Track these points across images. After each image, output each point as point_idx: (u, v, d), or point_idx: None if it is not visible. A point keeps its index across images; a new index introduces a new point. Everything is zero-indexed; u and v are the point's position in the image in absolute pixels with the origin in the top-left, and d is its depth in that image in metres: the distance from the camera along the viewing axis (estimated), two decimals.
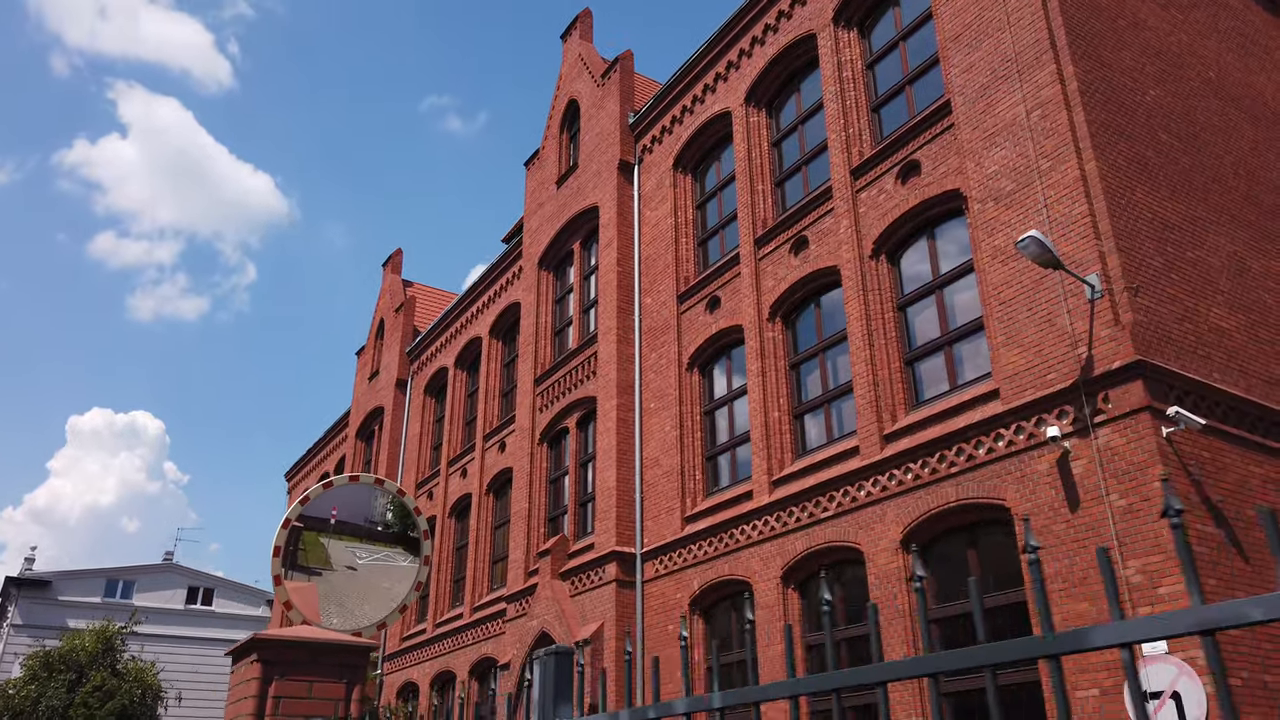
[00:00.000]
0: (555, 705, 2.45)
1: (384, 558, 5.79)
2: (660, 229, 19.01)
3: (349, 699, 4.34)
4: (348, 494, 5.76)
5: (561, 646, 2.44)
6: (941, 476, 11.83)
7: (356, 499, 5.82)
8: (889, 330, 13.46)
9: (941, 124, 13.34)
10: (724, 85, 18.18)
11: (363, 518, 5.82)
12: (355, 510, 5.78)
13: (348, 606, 5.47)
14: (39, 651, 21.48)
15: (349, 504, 5.77)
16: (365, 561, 5.73)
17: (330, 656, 4.43)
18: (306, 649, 4.37)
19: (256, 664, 4.20)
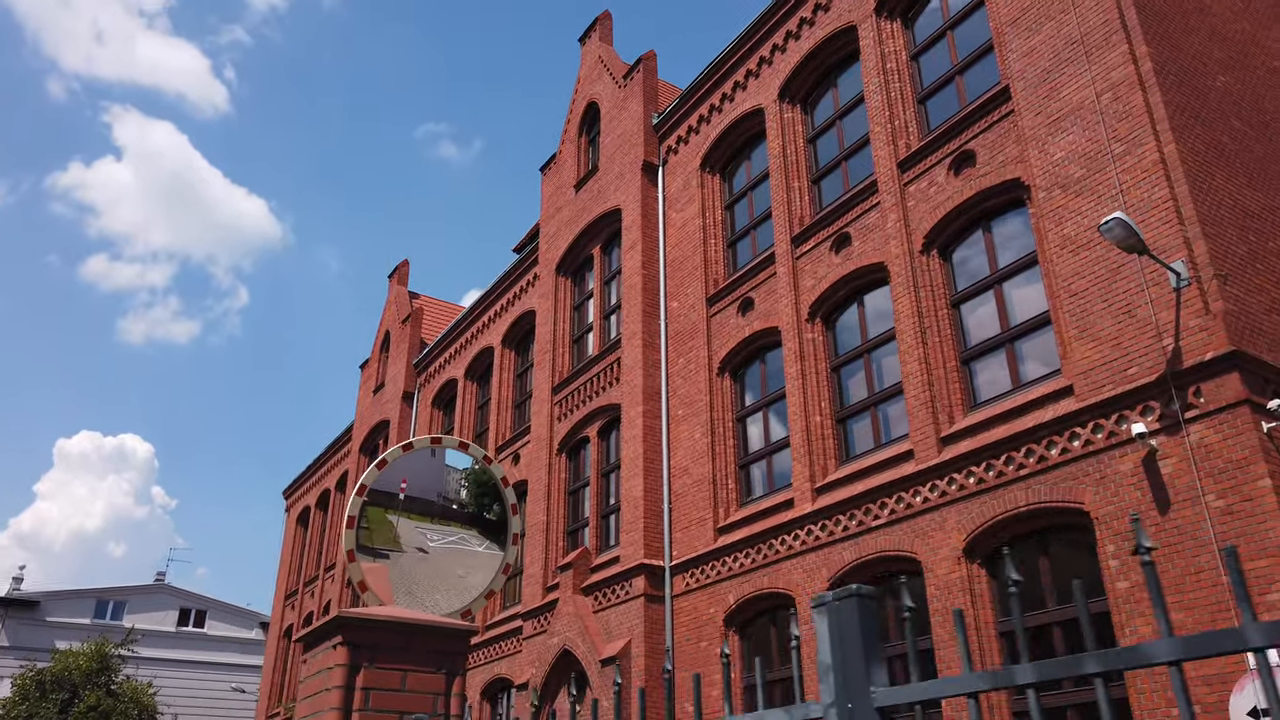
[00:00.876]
0: (868, 668, 1.67)
1: (458, 541, 5.03)
2: (687, 231, 18.34)
3: (448, 693, 3.57)
4: (419, 465, 5.00)
5: (865, 587, 1.69)
6: (1009, 480, 11.10)
7: (428, 472, 5.06)
8: (943, 328, 12.76)
9: (998, 112, 12.71)
10: (755, 82, 17.58)
11: (435, 493, 5.06)
12: (427, 485, 5.02)
13: (416, 595, 4.72)
14: (30, 670, 20.50)
15: (420, 477, 5.01)
16: (437, 544, 4.96)
17: (426, 642, 3.67)
18: (400, 632, 3.61)
19: (342, 648, 3.44)
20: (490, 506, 5.12)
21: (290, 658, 32.97)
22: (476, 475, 5.01)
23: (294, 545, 36.09)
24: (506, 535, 4.84)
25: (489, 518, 5.13)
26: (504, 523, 5.10)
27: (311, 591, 32.72)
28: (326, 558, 32.11)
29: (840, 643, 1.77)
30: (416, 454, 4.95)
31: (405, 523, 4.88)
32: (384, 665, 3.58)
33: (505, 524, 4.88)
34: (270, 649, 34.93)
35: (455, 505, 5.05)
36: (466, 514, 5.08)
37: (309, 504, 35.41)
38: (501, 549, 5.09)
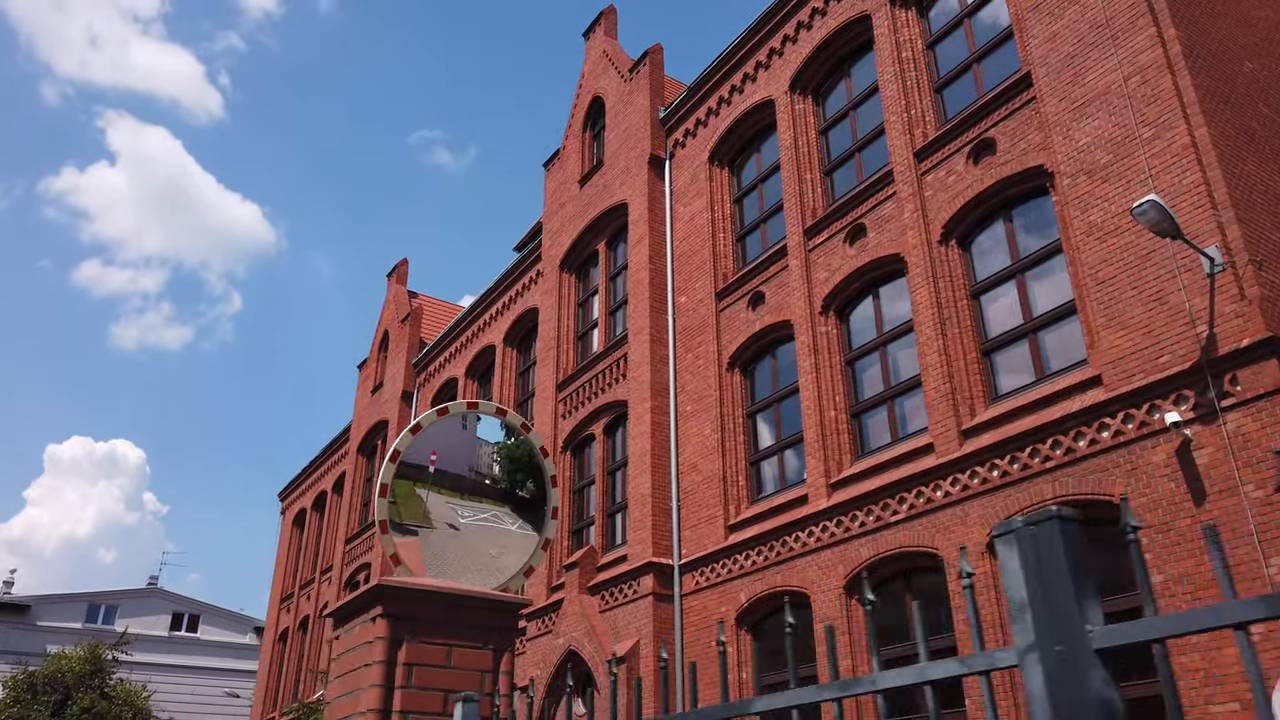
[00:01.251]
0: (1080, 603, 1.36)
1: (491, 518, 4.71)
2: (695, 225, 18.05)
3: (496, 670, 3.26)
4: (450, 437, 4.67)
5: (1065, 509, 1.39)
6: (1035, 472, 10.80)
7: (459, 444, 4.73)
8: (963, 319, 12.48)
9: (1019, 99, 12.45)
10: (765, 74, 17.31)
11: (466, 467, 4.73)
12: (457, 458, 4.69)
13: (447, 574, 4.39)
14: (22, 672, 20.08)
15: (450, 449, 4.68)
16: (469, 521, 4.63)
17: (472, 615, 3.36)
18: (442, 603, 3.30)
19: (382, 621, 3.13)
20: (523, 483, 4.79)
21: (286, 662, 32.53)
22: (509, 450, 4.68)
23: (290, 548, 35.67)
24: (546, 509, 4.52)
25: (522, 495, 4.80)
26: (538, 500, 4.78)
27: (308, 594, 32.30)
28: (323, 560, 31.71)
29: (1039, 574, 1.46)
30: (447, 425, 4.62)
31: (435, 497, 4.56)
32: (427, 640, 3.27)
33: (542, 499, 4.56)
34: (265, 653, 34.48)
35: (487, 480, 4.72)
36: (499, 490, 4.75)
37: (305, 506, 35.00)
38: (535, 529, 4.77)
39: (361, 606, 3.38)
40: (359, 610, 3.39)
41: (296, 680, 31.17)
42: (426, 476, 4.51)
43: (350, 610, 3.46)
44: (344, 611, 3.50)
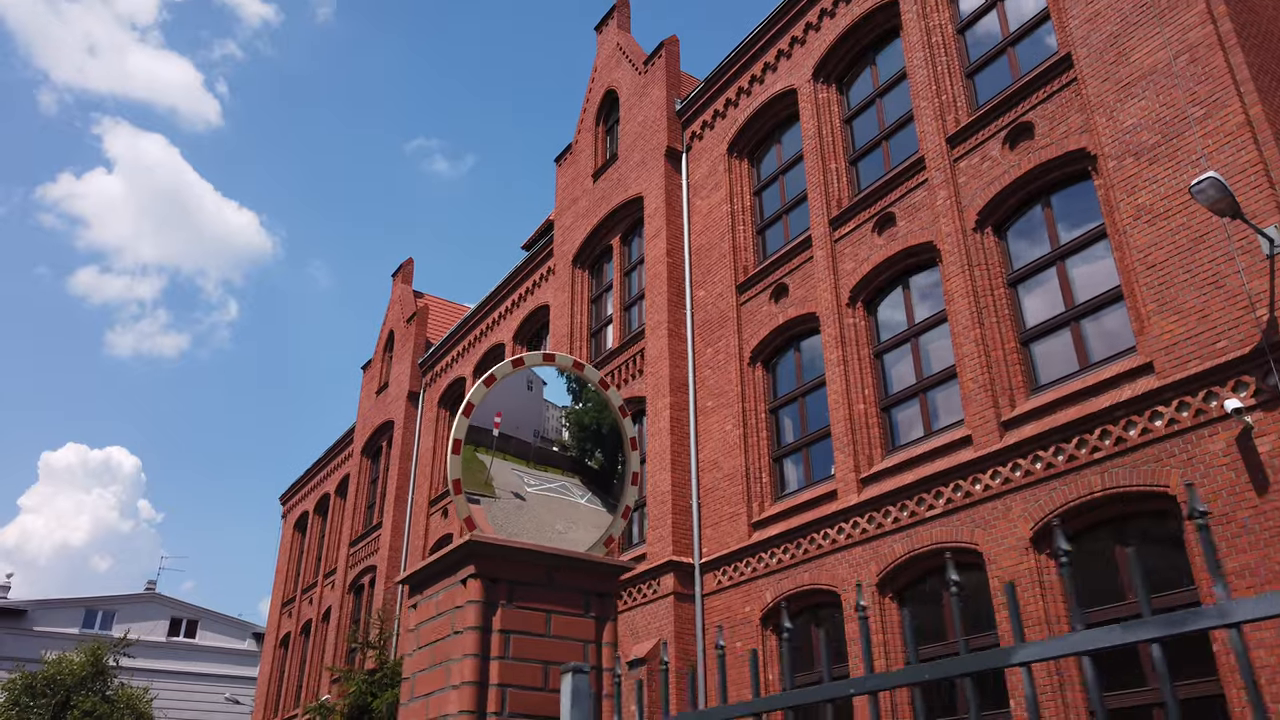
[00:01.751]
0: None
1: (559, 489, 4.28)
2: (713, 218, 17.67)
3: (599, 641, 2.85)
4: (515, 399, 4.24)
5: None
6: (1082, 464, 10.41)
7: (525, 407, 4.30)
8: (1000, 308, 12.10)
9: (1058, 81, 12.10)
10: (787, 63, 16.96)
11: (532, 432, 4.30)
12: (523, 421, 4.26)
13: None
14: (21, 674, 19.59)
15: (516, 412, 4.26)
16: (535, 491, 4.20)
17: (572, 578, 2.96)
18: (542, 564, 2.90)
19: (475, 583, 2.73)
20: (593, 453, 4.35)
21: (288, 666, 32.02)
22: (578, 416, 4.26)
23: (291, 552, 35.17)
24: (625, 473, 4.11)
25: (591, 466, 4.36)
26: (609, 472, 4.36)
27: (310, 598, 31.81)
28: (326, 564, 31.23)
29: None
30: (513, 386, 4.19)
31: (500, 464, 4.13)
32: (524, 604, 2.87)
33: (618, 467, 4.15)
34: (266, 658, 33.95)
35: (555, 448, 4.29)
36: (568, 459, 4.30)
37: (307, 509, 34.51)
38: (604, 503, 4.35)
39: (448, 568, 2.97)
40: (445, 572, 2.99)
41: (299, 685, 30.65)
42: (490, 441, 4.10)
43: (433, 572, 3.05)
44: (425, 574, 3.10)
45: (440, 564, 3.00)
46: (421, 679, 2.94)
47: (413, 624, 3.13)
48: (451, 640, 2.83)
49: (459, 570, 2.92)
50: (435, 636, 2.93)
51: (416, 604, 3.14)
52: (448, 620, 2.89)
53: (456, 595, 2.88)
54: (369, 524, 28.72)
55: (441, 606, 2.96)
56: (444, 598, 2.96)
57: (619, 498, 4.15)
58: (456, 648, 2.79)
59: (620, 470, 4.14)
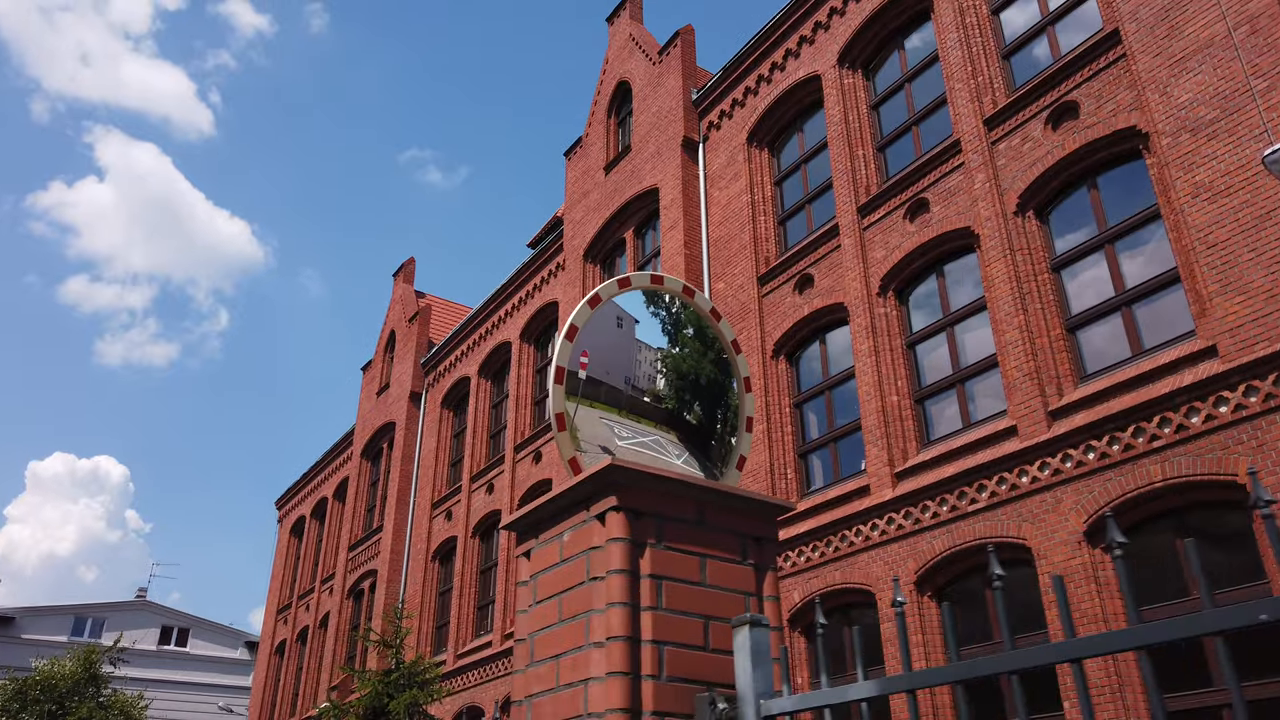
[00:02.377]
0: None
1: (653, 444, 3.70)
2: (732, 209, 17.17)
3: (760, 593, 2.32)
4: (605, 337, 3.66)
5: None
6: (1139, 453, 9.90)
7: (616, 348, 3.72)
8: (1045, 294, 11.61)
9: (1104, 58, 11.64)
10: (810, 49, 16.49)
11: (623, 377, 3.72)
12: (613, 364, 3.70)
13: None
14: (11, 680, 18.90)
15: (605, 353, 3.68)
16: (626, 444, 3.63)
17: (727, 518, 2.43)
18: (691, 498, 2.37)
19: (618, 516, 2.19)
20: (691, 406, 3.76)
21: (284, 674, 31.30)
22: (676, 361, 3.69)
23: (287, 557, 34.45)
24: (738, 418, 3.58)
25: (689, 420, 3.78)
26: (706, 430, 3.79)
27: (307, 604, 31.12)
28: (324, 569, 30.55)
29: None
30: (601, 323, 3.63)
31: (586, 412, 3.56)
32: (675, 546, 2.34)
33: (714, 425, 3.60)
34: (261, 666, 33.21)
35: (648, 397, 3.70)
36: (662, 411, 3.71)
37: (304, 514, 33.81)
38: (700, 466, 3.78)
39: (577, 502, 2.43)
40: (572, 508, 2.44)
41: (295, 693, 29.94)
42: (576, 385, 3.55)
43: (555, 510, 2.50)
44: (543, 513, 2.55)
45: (566, 498, 2.46)
46: (544, 639, 2.39)
47: (526, 575, 2.58)
48: (588, 588, 2.29)
49: (594, 503, 2.37)
50: (562, 586, 2.39)
51: (531, 551, 2.60)
52: (580, 565, 2.35)
53: (592, 534, 2.34)
54: (369, 527, 28.08)
55: (569, 549, 2.41)
56: (573, 539, 2.41)
57: (729, 450, 3.60)
58: (597, 596, 2.25)
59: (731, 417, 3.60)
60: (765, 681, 2.11)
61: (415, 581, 24.07)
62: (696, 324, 3.73)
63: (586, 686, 2.19)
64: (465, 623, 21.75)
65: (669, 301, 3.70)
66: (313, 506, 33.27)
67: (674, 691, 2.18)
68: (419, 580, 23.92)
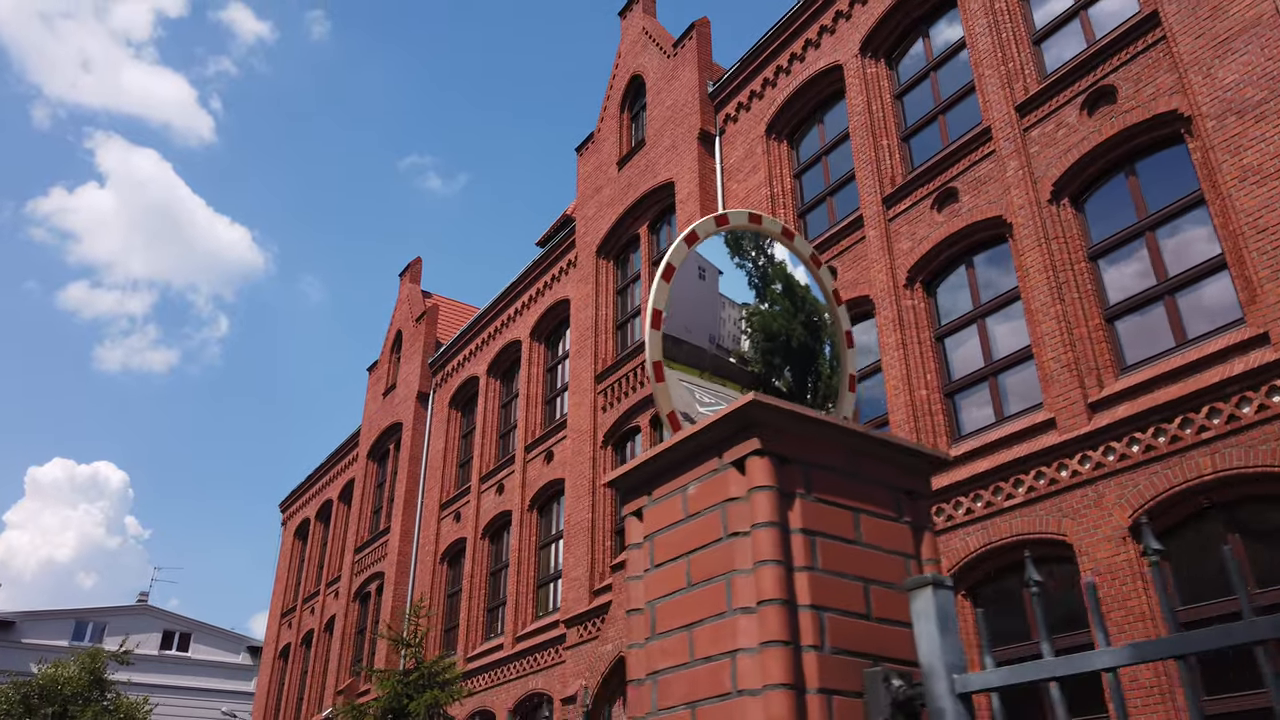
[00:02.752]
0: None
1: None
2: (751, 201, 16.84)
3: (918, 555, 1.98)
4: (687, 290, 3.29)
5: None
6: (1187, 445, 9.56)
7: (699, 302, 3.34)
8: (1083, 284, 11.27)
9: (1143, 41, 11.32)
10: (831, 39, 16.18)
11: (706, 335, 3.35)
12: (695, 321, 3.32)
13: None
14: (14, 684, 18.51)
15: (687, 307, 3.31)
16: (709, 411, 3.24)
17: (880, 469, 2.11)
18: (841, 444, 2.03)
19: (761, 462, 1.85)
20: (781, 371, 3.36)
21: (288, 679, 30.90)
22: (764, 320, 3.31)
23: (291, 560, 34.06)
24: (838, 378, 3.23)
25: (778, 387, 3.38)
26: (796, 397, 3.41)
27: (312, 608, 30.73)
28: (329, 571, 30.17)
29: None
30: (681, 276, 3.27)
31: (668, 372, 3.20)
32: (826, 498, 1.99)
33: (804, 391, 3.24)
34: (265, 670, 32.80)
35: (733, 359, 3.31)
36: (749, 375, 3.31)
37: (309, 516, 33.43)
38: None
39: (707, 447, 2.08)
40: (700, 454, 2.10)
41: (300, 697, 29.54)
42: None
43: (678, 458, 2.16)
44: (662, 463, 2.21)
45: (689, 444, 2.11)
46: (670, 607, 2.05)
47: (638, 537, 2.24)
48: (727, 547, 1.95)
49: (728, 449, 2.03)
50: (690, 545, 2.04)
51: (643, 509, 2.25)
52: (713, 520, 2.01)
53: (727, 484, 2.00)
54: (375, 529, 27.70)
55: (697, 503, 2.07)
56: (700, 491, 2.07)
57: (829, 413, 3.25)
58: (740, 555, 1.91)
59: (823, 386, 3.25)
60: (956, 652, 1.77)
61: (423, 584, 23.70)
62: (785, 279, 3.38)
63: (734, 660, 1.85)
64: (475, 625, 21.38)
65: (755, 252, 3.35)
66: (317, 509, 32.90)
67: (839, 665, 1.84)
68: (427, 582, 23.55)
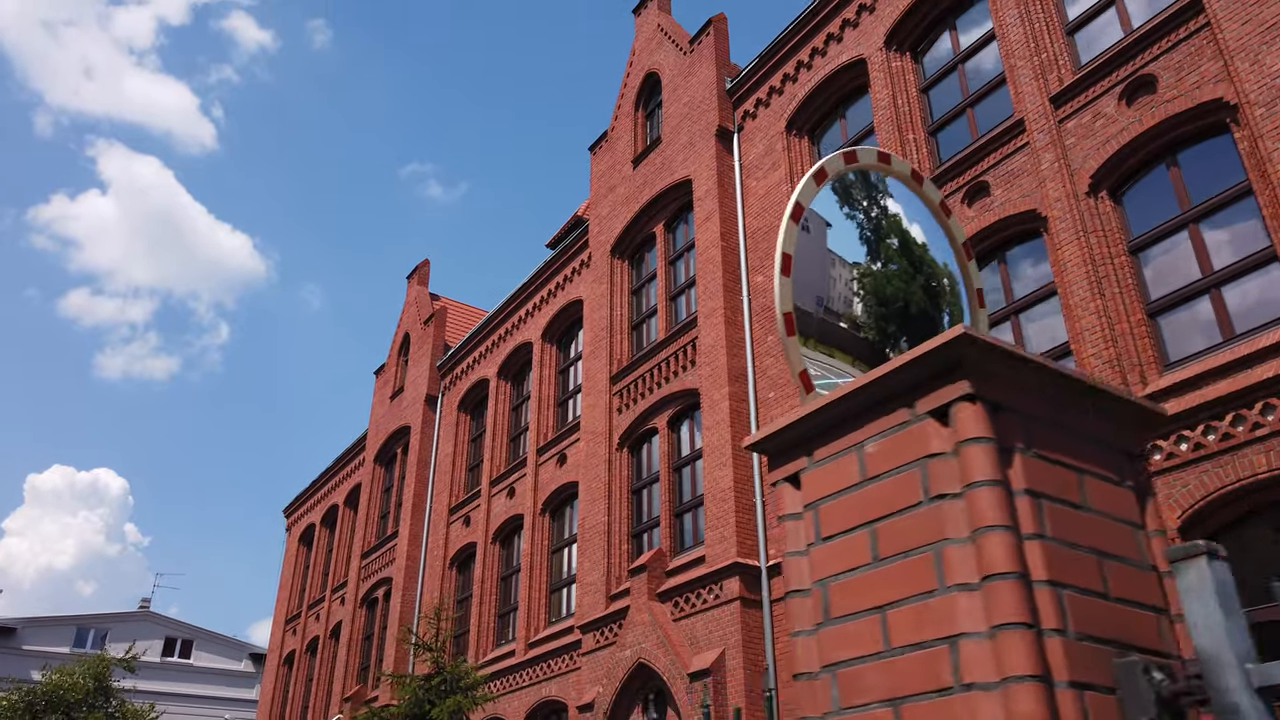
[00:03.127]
0: None
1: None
2: (771, 198, 16.53)
3: (1144, 525, 1.61)
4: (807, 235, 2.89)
5: None
6: (1240, 443, 9.21)
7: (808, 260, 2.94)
8: (1123, 278, 10.94)
9: (1185, 28, 11.01)
10: (854, 32, 15.87)
11: (812, 296, 2.95)
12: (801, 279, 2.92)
13: None
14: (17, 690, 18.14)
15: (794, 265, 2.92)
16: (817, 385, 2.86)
17: (1102, 425, 1.75)
18: (1059, 392, 1.67)
19: (974, 410, 1.48)
20: (896, 342, 2.94)
21: (292, 686, 30.49)
22: (879, 282, 2.93)
23: (296, 566, 33.67)
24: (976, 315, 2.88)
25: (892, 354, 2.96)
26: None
27: (317, 614, 30.34)
28: (335, 577, 29.79)
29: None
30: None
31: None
32: (1047, 455, 1.65)
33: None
34: (269, 678, 32.39)
35: (844, 324, 2.90)
36: (860, 343, 2.89)
37: (314, 521, 33.04)
38: None
39: (895, 394, 1.75)
40: (885, 403, 1.76)
41: (304, 705, 29.13)
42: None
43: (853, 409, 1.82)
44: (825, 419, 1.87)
45: (874, 391, 1.77)
46: (851, 586, 1.71)
47: (797, 506, 1.89)
48: (930, 512, 1.61)
49: (926, 394, 1.69)
50: (874, 512, 1.71)
51: (802, 473, 1.91)
52: (908, 481, 1.67)
53: (926, 437, 1.66)
54: (383, 534, 27.33)
55: (880, 463, 1.73)
56: (887, 447, 1.73)
57: None
58: (952, 521, 1.58)
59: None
60: (1243, 638, 1.42)
61: (432, 589, 23.32)
62: (901, 234, 3.01)
63: (955, 647, 1.51)
64: (486, 631, 21.00)
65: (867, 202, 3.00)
66: (323, 514, 32.52)
67: (1086, 654, 1.50)
68: (436, 588, 23.17)
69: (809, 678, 1.74)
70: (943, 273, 3.03)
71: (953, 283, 2.96)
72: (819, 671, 1.72)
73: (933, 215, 2.88)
